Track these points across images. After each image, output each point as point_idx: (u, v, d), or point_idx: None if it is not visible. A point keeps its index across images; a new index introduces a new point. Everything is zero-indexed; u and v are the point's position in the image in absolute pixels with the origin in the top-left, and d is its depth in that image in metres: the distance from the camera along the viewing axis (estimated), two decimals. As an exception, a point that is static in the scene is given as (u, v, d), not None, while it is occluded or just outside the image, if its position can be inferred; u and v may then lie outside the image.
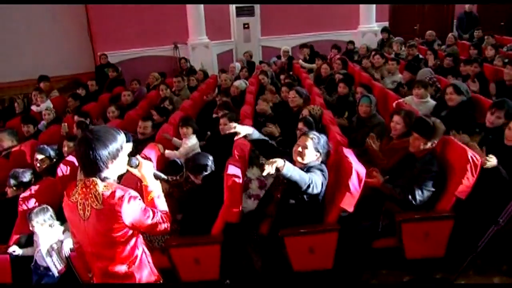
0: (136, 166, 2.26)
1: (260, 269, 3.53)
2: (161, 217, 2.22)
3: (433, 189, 3.44)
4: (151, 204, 2.24)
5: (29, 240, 3.56)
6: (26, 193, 3.66)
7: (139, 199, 2.14)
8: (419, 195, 3.41)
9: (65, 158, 4.43)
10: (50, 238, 3.46)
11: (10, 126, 6.17)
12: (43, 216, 3.46)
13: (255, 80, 7.51)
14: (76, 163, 4.29)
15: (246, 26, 10.96)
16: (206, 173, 3.55)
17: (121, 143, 2.13)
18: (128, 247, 2.18)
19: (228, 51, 11.00)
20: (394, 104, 5.16)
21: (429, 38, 9.45)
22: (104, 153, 2.04)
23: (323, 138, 3.42)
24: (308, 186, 3.07)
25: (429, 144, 3.54)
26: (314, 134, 3.40)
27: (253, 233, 3.55)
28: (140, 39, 10.23)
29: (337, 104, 6.00)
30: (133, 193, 2.13)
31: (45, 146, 4.67)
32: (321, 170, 3.32)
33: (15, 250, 3.43)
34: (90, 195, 2.08)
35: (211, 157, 3.63)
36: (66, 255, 3.44)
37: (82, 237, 2.22)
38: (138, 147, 4.47)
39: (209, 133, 5.65)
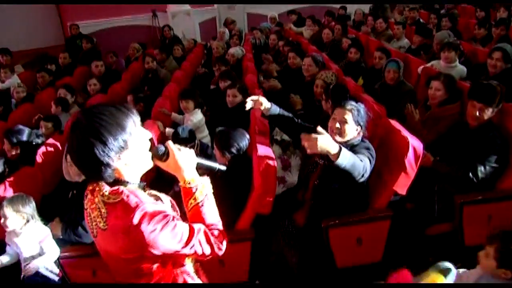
0: (164, 156, 1.54)
1: (296, 266, 2.95)
2: (206, 236, 1.51)
3: (497, 165, 2.92)
4: (194, 215, 1.54)
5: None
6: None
7: (161, 215, 1.40)
8: (481, 172, 2.89)
9: (44, 141, 3.71)
10: (35, 237, 2.75)
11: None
12: (26, 206, 2.72)
13: (248, 48, 6.84)
14: (59, 146, 3.61)
15: (231, -9, 10.16)
16: (236, 154, 2.89)
17: (130, 127, 1.40)
18: (158, 277, 1.51)
19: (211, 19, 10.18)
20: (419, 70, 4.59)
21: (426, 0, 8.86)
22: (99, 147, 1.34)
23: (361, 107, 2.78)
24: (362, 176, 2.45)
25: (489, 113, 2.99)
26: (352, 105, 2.75)
27: (286, 224, 2.96)
28: (114, 7, 9.24)
29: (346, 72, 5.40)
30: (151, 206, 1.41)
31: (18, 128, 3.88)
32: (368, 149, 2.70)
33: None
34: (94, 205, 1.43)
35: (248, 137, 2.98)
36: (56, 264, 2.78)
37: (101, 254, 1.56)
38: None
39: (205, 107, 4.98)
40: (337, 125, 2.72)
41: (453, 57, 4.52)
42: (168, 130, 3.80)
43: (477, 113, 2.98)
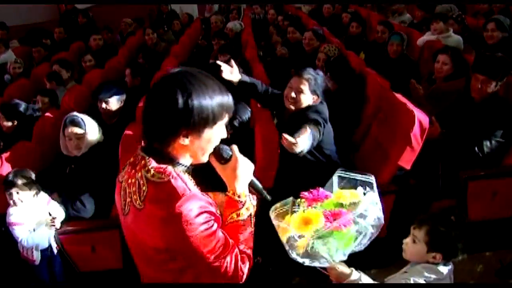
0: (227, 160, 1.36)
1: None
2: (235, 259, 1.30)
3: (503, 140, 2.87)
4: (230, 230, 1.34)
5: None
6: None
7: (207, 213, 1.24)
8: (487, 147, 2.85)
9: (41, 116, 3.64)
10: (38, 210, 2.70)
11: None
12: (32, 178, 2.67)
13: (247, 22, 6.75)
14: (57, 120, 3.54)
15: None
16: (238, 127, 2.84)
17: (226, 108, 1.28)
18: (175, 278, 1.34)
19: (209, -6, 9.97)
20: (419, 42, 4.51)
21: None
22: (197, 103, 1.19)
23: (319, 76, 2.76)
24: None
25: (493, 86, 2.92)
26: (309, 74, 2.73)
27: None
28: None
29: (347, 46, 5.32)
30: (199, 198, 1.24)
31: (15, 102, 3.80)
32: (318, 112, 2.66)
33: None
34: (133, 181, 1.27)
35: (250, 110, 2.92)
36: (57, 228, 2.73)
37: (125, 234, 1.42)
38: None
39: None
40: (293, 94, 2.69)
41: (442, 28, 4.47)
42: None
43: (480, 86, 2.91)
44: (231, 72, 2.88)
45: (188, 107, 1.19)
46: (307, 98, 2.69)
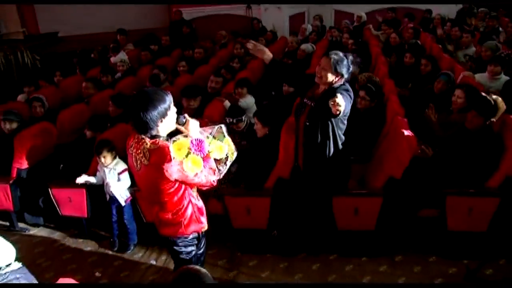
0: (183, 124, 2.42)
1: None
2: (208, 172, 2.41)
3: (487, 165, 3.46)
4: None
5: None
6: (103, 136, 4.12)
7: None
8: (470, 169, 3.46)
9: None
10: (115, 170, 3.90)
11: (92, 76, 6.62)
12: (108, 146, 3.87)
13: (324, 44, 7.49)
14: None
15: (321, -13, 10.62)
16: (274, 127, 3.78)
17: (169, 103, 2.28)
18: (176, 198, 2.42)
19: (300, 14, 10.85)
20: (460, 78, 5.04)
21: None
22: (154, 113, 2.20)
23: (345, 59, 3.12)
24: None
25: (482, 121, 3.55)
26: (335, 54, 3.13)
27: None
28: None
29: (399, 75, 5.71)
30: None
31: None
32: (347, 90, 3.11)
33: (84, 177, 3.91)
34: (140, 151, 2.29)
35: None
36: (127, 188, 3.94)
37: (138, 183, 2.57)
38: (206, 101, 4.80)
39: (273, 93, 5.81)
40: (318, 70, 3.15)
41: (499, 71, 4.85)
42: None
43: (472, 119, 3.57)
44: (262, 54, 3.36)
45: (157, 110, 2.22)
46: (330, 76, 3.09)
